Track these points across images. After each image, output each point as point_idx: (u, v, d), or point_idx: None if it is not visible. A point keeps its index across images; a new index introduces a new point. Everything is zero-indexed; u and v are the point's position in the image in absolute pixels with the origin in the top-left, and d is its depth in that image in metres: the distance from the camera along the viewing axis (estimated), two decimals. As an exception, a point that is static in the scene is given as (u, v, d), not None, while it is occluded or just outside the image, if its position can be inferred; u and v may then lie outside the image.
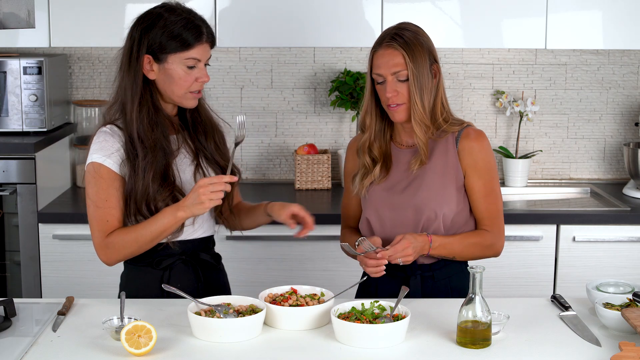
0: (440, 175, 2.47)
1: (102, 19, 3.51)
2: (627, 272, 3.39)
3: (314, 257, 3.42)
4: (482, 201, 2.50)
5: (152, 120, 2.41)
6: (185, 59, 2.39)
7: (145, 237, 2.37)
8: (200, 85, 2.43)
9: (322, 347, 2.10)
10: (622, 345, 2.05)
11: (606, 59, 3.94)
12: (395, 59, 2.41)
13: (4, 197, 3.39)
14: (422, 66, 2.42)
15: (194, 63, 2.40)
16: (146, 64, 2.40)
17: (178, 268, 2.49)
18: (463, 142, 2.48)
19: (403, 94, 2.42)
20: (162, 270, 2.48)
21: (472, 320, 2.08)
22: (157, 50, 2.39)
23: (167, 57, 2.39)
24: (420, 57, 2.42)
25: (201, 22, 2.43)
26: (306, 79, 3.95)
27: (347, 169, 2.65)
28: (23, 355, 2.04)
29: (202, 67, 2.42)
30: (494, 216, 2.51)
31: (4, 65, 3.52)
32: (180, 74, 2.40)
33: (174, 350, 2.07)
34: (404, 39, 2.42)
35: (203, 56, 2.42)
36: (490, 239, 2.51)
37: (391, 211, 2.49)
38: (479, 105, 3.98)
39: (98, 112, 3.86)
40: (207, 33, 2.42)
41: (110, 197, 2.39)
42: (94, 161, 2.40)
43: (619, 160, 4.02)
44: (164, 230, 2.36)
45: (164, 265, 2.48)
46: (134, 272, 2.53)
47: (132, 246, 2.38)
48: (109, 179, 2.39)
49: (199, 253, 2.52)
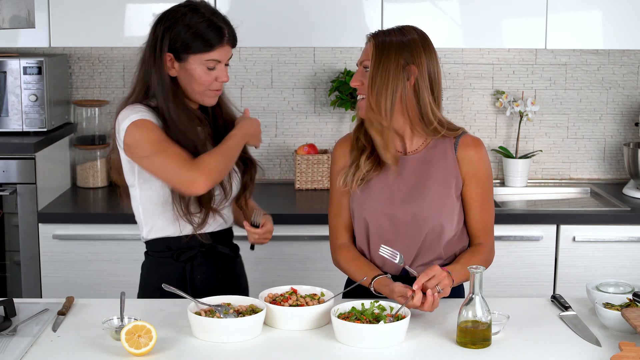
0: (442, 184, 2.41)
1: (102, 19, 3.51)
2: (627, 272, 3.39)
3: (314, 257, 3.42)
4: (478, 210, 2.44)
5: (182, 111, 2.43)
6: (206, 60, 2.41)
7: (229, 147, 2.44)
8: (219, 84, 2.46)
9: (322, 347, 2.10)
10: (622, 345, 2.05)
11: (606, 59, 3.94)
12: (367, 49, 2.39)
13: (4, 197, 3.39)
14: (387, 59, 2.32)
15: (214, 64, 2.43)
16: (167, 62, 2.42)
17: (198, 260, 2.52)
18: (462, 150, 2.43)
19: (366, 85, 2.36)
20: (183, 263, 2.50)
21: (472, 320, 2.08)
22: (179, 50, 2.41)
23: (188, 57, 2.41)
24: (389, 50, 2.33)
25: (224, 23, 2.44)
26: (306, 79, 3.95)
27: (335, 170, 2.52)
28: (23, 355, 2.04)
29: (223, 68, 2.45)
30: (488, 227, 2.47)
31: (4, 65, 3.52)
32: (200, 74, 2.42)
33: (174, 350, 2.07)
34: (384, 32, 2.39)
35: (224, 57, 2.44)
36: (487, 253, 2.46)
37: (390, 220, 2.40)
38: (479, 105, 3.98)
39: (98, 112, 3.86)
40: (228, 35, 2.44)
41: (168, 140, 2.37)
42: (137, 119, 2.37)
43: (619, 160, 4.02)
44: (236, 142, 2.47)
45: (185, 257, 2.50)
46: (155, 264, 2.54)
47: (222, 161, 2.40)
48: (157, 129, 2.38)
49: (216, 246, 2.54)
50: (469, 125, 3.97)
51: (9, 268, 3.46)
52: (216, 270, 2.55)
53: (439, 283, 2.21)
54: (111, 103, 3.92)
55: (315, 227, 3.39)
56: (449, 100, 3.95)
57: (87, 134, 3.86)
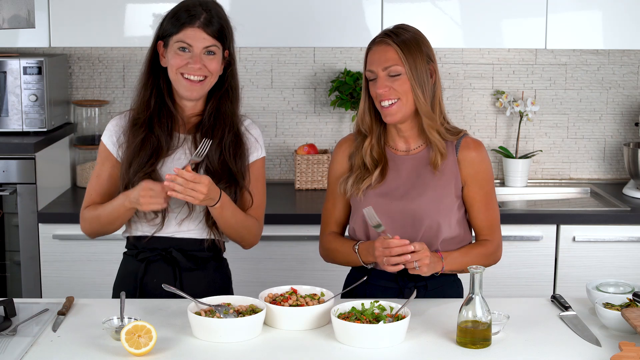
0: (441, 184, 2.44)
1: (102, 19, 3.51)
2: (627, 272, 3.39)
3: (314, 257, 3.41)
4: (482, 211, 2.47)
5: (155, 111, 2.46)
6: (176, 42, 2.42)
7: (103, 218, 2.45)
8: (191, 71, 2.41)
9: (322, 347, 2.10)
10: (622, 345, 2.05)
11: (606, 59, 3.94)
12: (387, 54, 2.37)
13: (4, 197, 3.39)
14: (419, 61, 2.37)
15: (183, 46, 2.42)
16: (161, 52, 2.47)
17: (157, 263, 2.50)
18: (463, 152, 2.45)
19: (395, 90, 2.36)
20: (140, 262, 2.52)
21: (472, 320, 2.08)
22: (163, 35, 2.46)
23: (169, 41, 2.44)
24: (416, 52, 2.37)
25: (204, 8, 2.43)
26: (306, 79, 3.95)
27: (334, 170, 2.55)
28: (23, 355, 2.04)
29: (196, 54, 2.42)
30: (494, 225, 2.50)
31: (4, 65, 3.52)
32: (171, 56, 2.44)
33: (174, 350, 2.07)
34: (398, 35, 2.39)
35: (194, 40, 2.41)
36: (492, 247, 2.49)
37: (389, 218, 2.42)
38: (479, 105, 3.98)
39: (98, 112, 3.86)
40: (203, 19, 2.42)
41: (102, 173, 2.51)
42: (102, 139, 2.52)
43: (619, 160, 4.02)
44: (117, 215, 2.42)
45: (142, 257, 2.51)
46: (123, 261, 2.59)
47: (95, 223, 2.48)
48: (105, 158, 2.52)
49: (171, 250, 2.50)
50: (469, 125, 3.97)
51: (9, 268, 3.46)
52: (174, 277, 2.50)
53: (419, 260, 2.28)
54: (111, 103, 3.93)
55: (315, 227, 3.36)
56: (449, 100, 3.95)
57: (87, 134, 3.86)
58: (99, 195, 2.50)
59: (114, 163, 2.49)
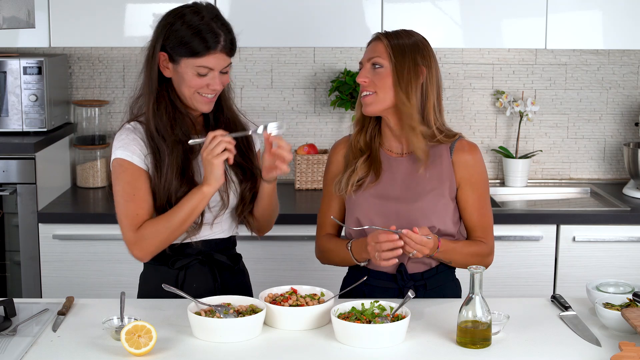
0: (436, 186, 2.44)
1: (102, 19, 3.51)
2: (627, 272, 3.39)
3: (314, 257, 3.41)
4: (476, 214, 2.47)
5: (171, 117, 2.41)
6: (197, 66, 2.37)
7: (176, 221, 2.35)
8: (211, 91, 2.40)
9: (322, 347, 2.10)
10: (622, 345, 2.05)
11: (606, 59, 3.95)
12: (376, 47, 2.42)
13: (4, 197, 3.39)
14: (407, 60, 2.38)
15: (205, 71, 2.37)
16: (162, 61, 2.40)
17: (194, 268, 2.49)
18: (458, 154, 2.45)
19: (374, 83, 2.39)
20: (177, 270, 2.48)
21: (472, 320, 2.08)
22: (173, 51, 2.38)
23: (181, 60, 2.38)
24: (406, 51, 2.39)
25: (223, 29, 2.38)
26: (306, 79, 3.95)
27: (330, 172, 2.57)
28: (23, 355, 2.04)
29: (215, 75, 2.38)
30: (487, 228, 2.49)
31: (4, 65, 3.52)
32: (190, 78, 2.38)
33: (174, 350, 2.07)
34: (395, 35, 2.42)
35: (216, 65, 2.37)
36: (487, 250, 2.49)
37: (384, 219, 2.42)
38: (479, 105, 3.98)
39: (98, 112, 3.86)
40: (224, 42, 2.37)
41: (138, 190, 2.38)
42: (118, 157, 2.40)
43: (619, 160, 4.02)
44: (193, 208, 2.35)
45: (179, 265, 2.48)
46: (151, 272, 2.53)
47: (164, 233, 2.36)
48: (134, 173, 2.39)
49: (213, 254, 2.50)
50: (469, 125, 3.97)
51: (9, 268, 3.46)
52: (213, 279, 2.51)
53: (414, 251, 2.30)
54: (111, 103, 3.93)
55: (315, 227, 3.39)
56: (449, 100, 3.95)
57: (87, 134, 3.86)
58: (147, 212, 2.39)
59: (147, 176, 2.40)
